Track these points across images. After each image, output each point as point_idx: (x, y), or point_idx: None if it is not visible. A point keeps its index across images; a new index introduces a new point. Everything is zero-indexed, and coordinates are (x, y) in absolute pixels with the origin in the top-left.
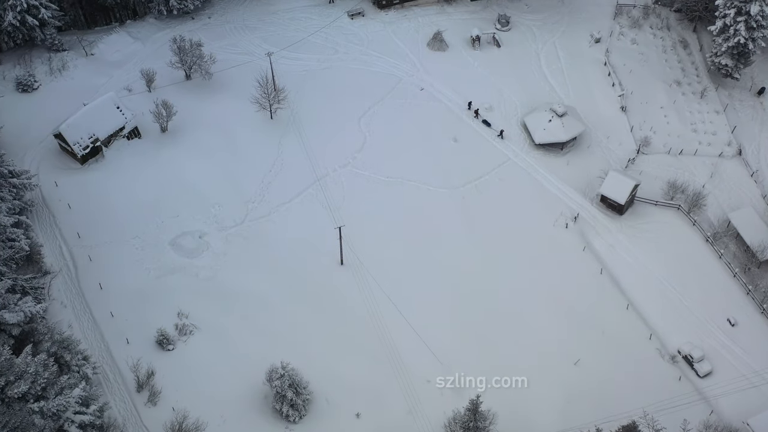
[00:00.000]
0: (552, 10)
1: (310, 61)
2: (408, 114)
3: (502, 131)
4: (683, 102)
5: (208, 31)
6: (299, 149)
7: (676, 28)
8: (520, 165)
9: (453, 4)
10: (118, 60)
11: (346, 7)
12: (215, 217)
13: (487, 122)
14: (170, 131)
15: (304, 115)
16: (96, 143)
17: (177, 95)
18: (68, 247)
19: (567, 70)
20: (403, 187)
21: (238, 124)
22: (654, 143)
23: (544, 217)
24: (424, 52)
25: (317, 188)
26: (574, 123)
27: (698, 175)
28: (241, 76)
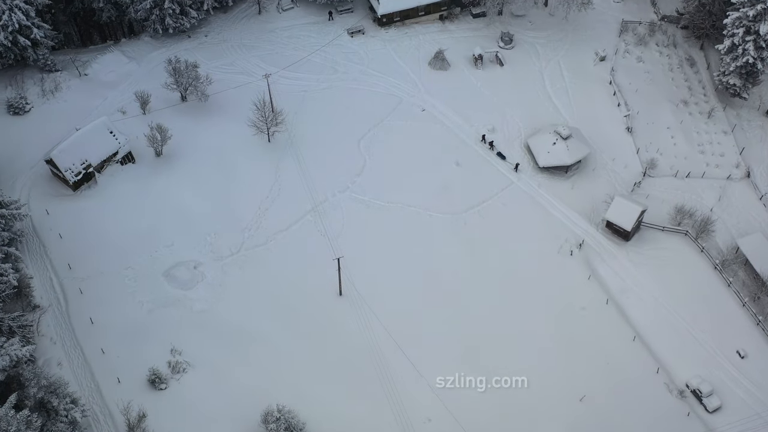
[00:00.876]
0: (556, 27)
1: (309, 80)
2: (409, 136)
3: (518, 164)
4: (690, 122)
5: (205, 49)
6: (297, 174)
7: (682, 46)
8: (523, 189)
9: (455, 22)
10: (112, 80)
11: (346, 24)
12: (211, 245)
13: (501, 155)
14: (165, 155)
15: (303, 137)
16: (88, 169)
17: (172, 118)
18: (59, 279)
19: (571, 89)
20: (404, 213)
21: (234, 147)
22: (660, 165)
23: (549, 243)
24: (426, 71)
25: (315, 215)
26: (579, 145)
27: (706, 199)
28: (238, 98)
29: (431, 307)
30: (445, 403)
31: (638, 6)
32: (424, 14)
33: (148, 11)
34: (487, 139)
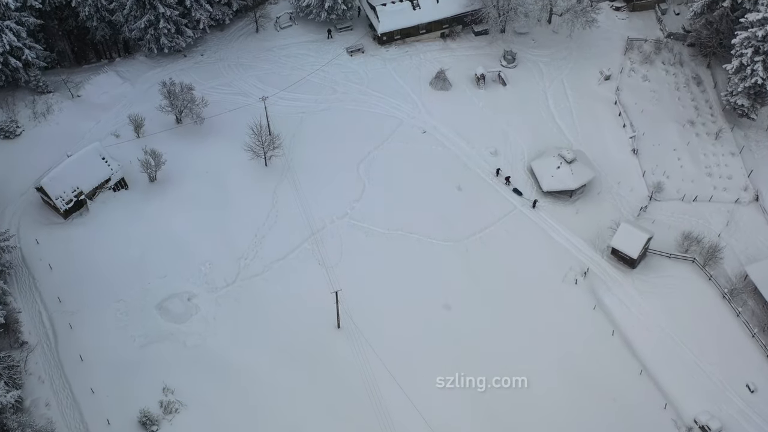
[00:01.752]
0: (560, 45)
1: (307, 101)
2: (409, 159)
3: (536, 201)
4: (697, 143)
5: (201, 69)
6: (295, 199)
7: (689, 64)
8: (527, 214)
9: (456, 40)
10: (105, 102)
11: (345, 42)
12: (205, 276)
13: (518, 191)
14: (159, 180)
15: (301, 161)
16: (80, 197)
17: (167, 141)
18: (48, 313)
19: (575, 109)
20: (404, 241)
21: (230, 172)
22: (667, 189)
23: (553, 272)
24: (427, 91)
25: (314, 242)
26: (584, 169)
27: (713, 223)
28: (234, 120)
29: (432, 338)
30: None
31: (644, 22)
32: (425, 32)
33: (142, 31)
34: (501, 174)
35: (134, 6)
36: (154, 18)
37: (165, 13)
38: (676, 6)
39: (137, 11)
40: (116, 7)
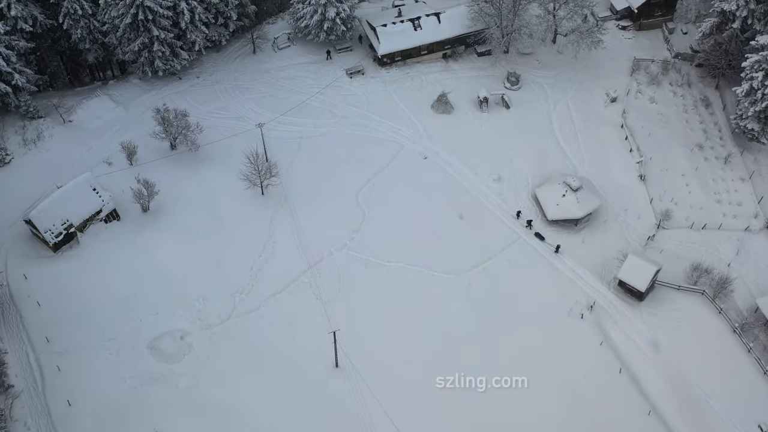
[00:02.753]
0: (565, 66)
1: (305, 125)
2: (410, 187)
3: (558, 246)
4: (706, 168)
5: (196, 92)
6: (292, 230)
7: (697, 85)
8: (531, 244)
9: (459, 61)
10: (98, 128)
11: (345, 63)
12: (199, 312)
13: (540, 236)
14: (152, 210)
15: (298, 189)
16: (70, 229)
17: (160, 169)
18: (36, 354)
19: (581, 133)
20: (405, 273)
21: (226, 201)
22: (675, 216)
23: (558, 305)
24: (428, 114)
25: (311, 275)
26: (590, 197)
27: (723, 252)
28: (230, 146)
29: (433, 376)
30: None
31: (651, 42)
32: (426, 53)
33: (136, 53)
34: (522, 217)
35: (128, 28)
36: (148, 40)
37: (159, 36)
38: (684, 25)
39: (131, 33)
40: (109, 29)
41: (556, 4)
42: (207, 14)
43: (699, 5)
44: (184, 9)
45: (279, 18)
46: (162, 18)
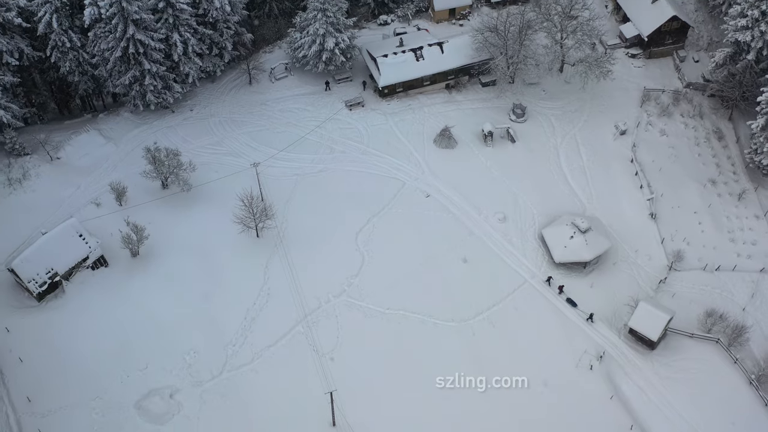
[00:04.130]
0: (572, 96)
1: (302, 162)
2: (412, 227)
3: (592, 315)
4: (719, 205)
5: (190, 126)
6: (288, 275)
7: (709, 117)
8: (537, 288)
9: (462, 92)
10: (86, 165)
11: (343, 94)
12: (190, 367)
13: (572, 301)
14: (142, 255)
15: (295, 231)
16: (54, 278)
17: (151, 210)
18: (16, 415)
19: (589, 169)
20: (406, 322)
21: (219, 245)
22: (687, 257)
23: (566, 356)
24: (431, 149)
25: (307, 325)
26: (599, 239)
27: (737, 295)
28: (224, 185)
29: None
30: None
31: (661, 71)
32: (429, 84)
33: (127, 87)
34: (553, 282)
35: (118, 62)
36: (139, 74)
37: (151, 70)
38: (696, 53)
39: (121, 66)
40: (99, 62)
41: (564, 34)
42: (201, 45)
43: (711, 32)
44: (176, 41)
45: (276, 46)
46: (154, 51)
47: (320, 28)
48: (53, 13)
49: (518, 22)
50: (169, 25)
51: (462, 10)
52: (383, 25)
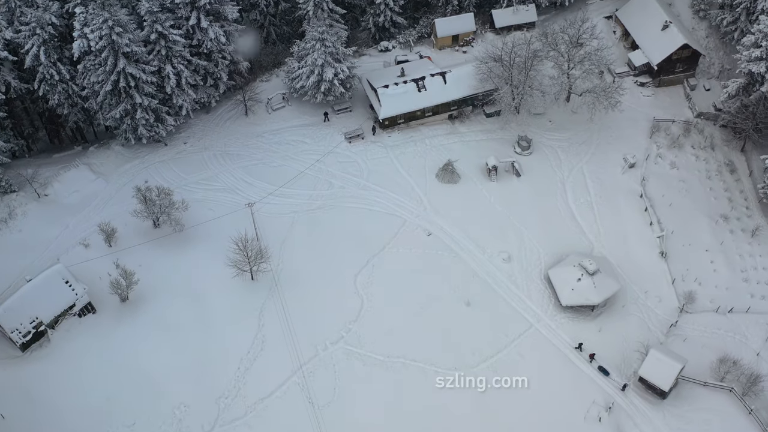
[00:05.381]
0: (579, 127)
1: (299, 198)
2: (413, 268)
3: (626, 385)
4: (731, 242)
5: (183, 160)
6: (283, 322)
7: (721, 148)
8: (543, 333)
9: (466, 123)
10: (75, 203)
11: (343, 126)
12: (180, 422)
13: (604, 370)
14: (132, 300)
15: (291, 274)
16: (39, 328)
17: (142, 251)
18: None
19: (597, 204)
20: (406, 371)
21: (212, 289)
22: (699, 298)
23: (574, 406)
24: (433, 184)
25: (303, 375)
26: (608, 281)
27: (751, 339)
28: (218, 225)
29: None
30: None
31: (671, 100)
32: (431, 114)
33: (118, 120)
34: (584, 349)
35: (108, 95)
36: (130, 107)
37: (142, 103)
38: (707, 80)
39: (112, 100)
40: (89, 94)
41: (571, 64)
42: (195, 76)
43: (722, 59)
44: (169, 73)
45: (273, 75)
46: (145, 84)
47: (319, 58)
48: (41, 45)
49: (524, 52)
50: (162, 56)
51: (465, 36)
52: (384, 51)
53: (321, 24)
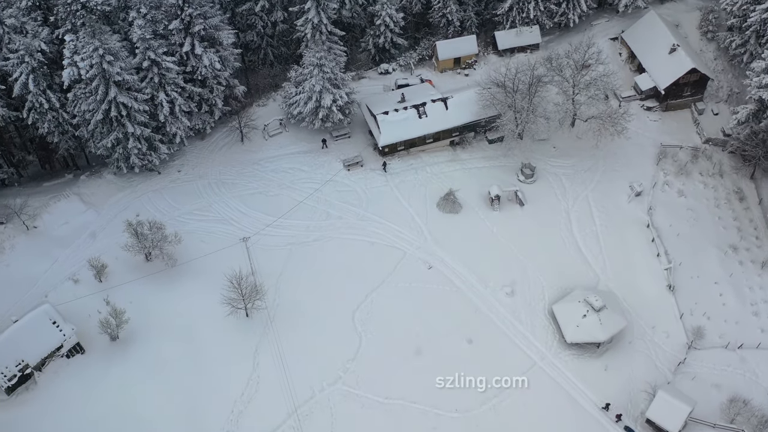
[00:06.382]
0: (584, 154)
1: (296, 229)
2: (413, 303)
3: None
4: (741, 274)
5: (177, 189)
6: (279, 361)
7: (730, 175)
8: (547, 371)
9: (468, 149)
10: (65, 235)
11: (341, 152)
12: None
13: (631, 430)
14: (122, 339)
15: (287, 310)
16: (26, 370)
17: (133, 287)
18: None
19: (603, 234)
20: (406, 413)
21: (205, 327)
22: (708, 334)
23: None
24: (433, 214)
25: (299, 419)
26: (614, 318)
27: (762, 376)
28: (212, 259)
29: None
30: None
31: (678, 125)
32: (432, 141)
33: (109, 149)
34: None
35: (99, 123)
36: (122, 136)
37: (135, 132)
38: (715, 104)
39: (103, 128)
40: (80, 122)
41: (576, 89)
42: (189, 103)
43: (731, 82)
44: (162, 101)
45: (270, 99)
46: (138, 113)
47: (317, 84)
48: (30, 73)
49: (527, 78)
50: (155, 84)
51: (468, 59)
52: (384, 74)
53: (319, 49)
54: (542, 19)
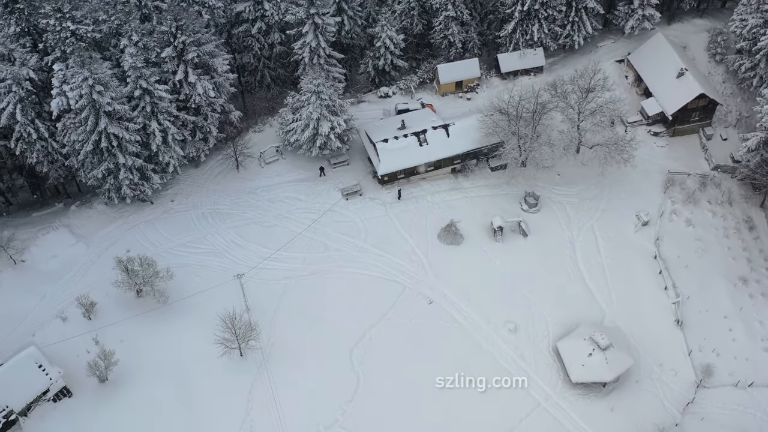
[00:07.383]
0: (589, 181)
1: (292, 262)
2: (412, 341)
3: None
4: (751, 308)
5: (170, 220)
6: (273, 404)
7: (739, 204)
8: (551, 413)
9: (470, 177)
10: (54, 269)
11: (339, 180)
12: None
13: None
14: (111, 381)
15: (283, 349)
16: (10, 416)
17: (124, 325)
18: None
19: (609, 266)
20: None
21: (198, 368)
22: (717, 371)
23: None
24: (434, 245)
25: None
26: (621, 356)
27: None
28: (205, 295)
29: None
30: None
31: (686, 150)
32: (433, 169)
33: (100, 180)
34: None
35: (89, 154)
36: (113, 166)
37: (126, 163)
38: (723, 129)
39: (93, 158)
40: (70, 152)
41: (581, 116)
42: (183, 131)
43: (740, 106)
44: (155, 130)
45: (267, 124)
46: (129, 143)
47: (314, 111)
48: (17, 103)
49: (531, 105)
50: (147, 113)
51: (470, 82)
52: (384, 97)
53: (317, 75)
54: (546, 41)
